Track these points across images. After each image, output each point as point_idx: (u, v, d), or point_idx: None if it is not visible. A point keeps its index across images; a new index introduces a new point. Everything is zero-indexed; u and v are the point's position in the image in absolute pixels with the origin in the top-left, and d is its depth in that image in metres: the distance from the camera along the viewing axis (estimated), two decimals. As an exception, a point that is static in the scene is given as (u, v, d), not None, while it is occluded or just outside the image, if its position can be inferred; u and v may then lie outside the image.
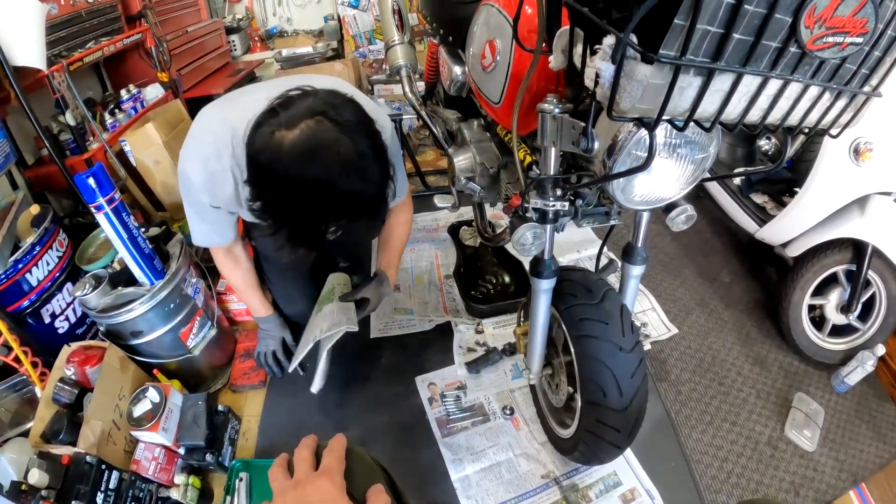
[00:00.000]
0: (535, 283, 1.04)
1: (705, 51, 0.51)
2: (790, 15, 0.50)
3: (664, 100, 0.53)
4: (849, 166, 1.41)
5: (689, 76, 0.53)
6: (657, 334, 1.69)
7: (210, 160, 1.01)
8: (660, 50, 0.49)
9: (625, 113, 0.54)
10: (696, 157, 0.79)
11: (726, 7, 0.48)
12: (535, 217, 0.96)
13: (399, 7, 1.58)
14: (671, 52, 0.50)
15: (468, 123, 1.45)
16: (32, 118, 1.36)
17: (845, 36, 0.53)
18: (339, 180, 0.81)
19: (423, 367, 1.57)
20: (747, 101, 0.58)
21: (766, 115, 0.61)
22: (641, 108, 0.54)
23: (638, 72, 0.51)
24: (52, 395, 1.22)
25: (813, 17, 0.50)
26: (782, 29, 0.51)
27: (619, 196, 0.80)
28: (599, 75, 0.54)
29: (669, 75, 0.51)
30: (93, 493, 1.07)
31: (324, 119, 0.81)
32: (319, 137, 0.80)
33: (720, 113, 0.57)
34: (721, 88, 0.55)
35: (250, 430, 1.44)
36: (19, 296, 1.31)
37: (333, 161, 0.80)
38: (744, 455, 1.37)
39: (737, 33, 0.50)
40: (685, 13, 0.47)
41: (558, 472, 1.29)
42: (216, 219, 1.14)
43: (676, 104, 0.54)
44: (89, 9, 1.71)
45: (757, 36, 0.51)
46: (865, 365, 1.48)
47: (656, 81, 0.52)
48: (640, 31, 0.51)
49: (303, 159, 0.79)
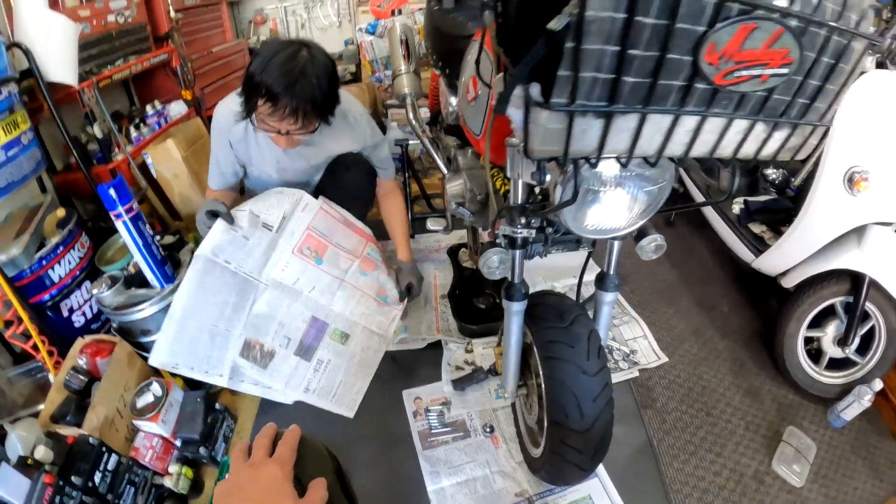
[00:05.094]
0: (507, 305, 1.08)
1: (600, 95, 0.53)
2: (689, 54, 0.50)
3: (566, 142, 0.56)
4: (844, 196, 1.39)
5: (588, 119, 0.55)
6: (646, 362, 1.68)
7: (234, 104, 1.40)
8: (552, 98, 0.52)
9: (535, 153, 0.58)
10: (648, 188, 0.81)
11: (612, 55, 0.49)
12: (504, 243, 1.00)
13: (407, 38, 1.67)
14: (562, 100, 0.52)
15: (463, 151, 1.51)
16: (63, 129, 1.50)
17: (763, 68, 0.52)
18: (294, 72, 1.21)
19: (411, 381, 1.62)
20: (663, 137, 0.59)
21: (689, 148, 0.62)
22: (548, 149, 0.57)
23: (539, 117, 0.55)
24: (63, 381, 1.32)
25: (715, 54, 0.50)
26: (683, 68, 0.51)
27: (571, 225, 0.84)
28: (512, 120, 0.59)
29: (566, 120, 0.54)
30: (92, 471, 1.15)
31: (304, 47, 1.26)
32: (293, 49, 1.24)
33: (632, 149, 0.59)
34: (628, 127, 0.57)
35: (244, 430, 1.52)
36: (41, 289, 1.43)
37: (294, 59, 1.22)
38: (726, 487, 1.35)
39: (630, 77, 0.51)
40: (567, 65, 0.50)
41: (532, 492, 1.31)
42: (227, 160, 1.51)
43: (581, 144, 0.57)
44: (119, 29, 1.84)
45: (653, 77, 0.52)
46: (862, 400, 1.44)
47: (555, 126, 0.55)
48: (543, 80, 0.53)
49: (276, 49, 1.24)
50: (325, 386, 1.56)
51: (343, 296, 1.64)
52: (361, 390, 1.57)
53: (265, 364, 1.54)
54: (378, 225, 1.70)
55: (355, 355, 1.62)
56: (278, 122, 1.27)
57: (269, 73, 1.20)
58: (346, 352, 1.61)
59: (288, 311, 1.57)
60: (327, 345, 1.60)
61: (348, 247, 1.70)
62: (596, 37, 0.49)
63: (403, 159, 2.13)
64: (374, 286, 1.71)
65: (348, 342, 1.63)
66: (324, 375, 1.57)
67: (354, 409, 1.52)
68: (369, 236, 1.74)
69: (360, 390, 1.57)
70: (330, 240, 1.66)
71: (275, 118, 1.26)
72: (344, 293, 1.65)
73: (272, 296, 1.57)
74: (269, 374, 1.53)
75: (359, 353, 1.63)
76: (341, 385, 1.56)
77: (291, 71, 1.20)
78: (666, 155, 0.64)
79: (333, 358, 1.60)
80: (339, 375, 1.58)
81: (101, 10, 1.73)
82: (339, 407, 1.52)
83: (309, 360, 1.58)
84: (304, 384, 1.55)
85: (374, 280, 1.71)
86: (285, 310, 1.57)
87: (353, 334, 1.64)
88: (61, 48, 1.46)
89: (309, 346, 1.59)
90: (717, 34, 0.49)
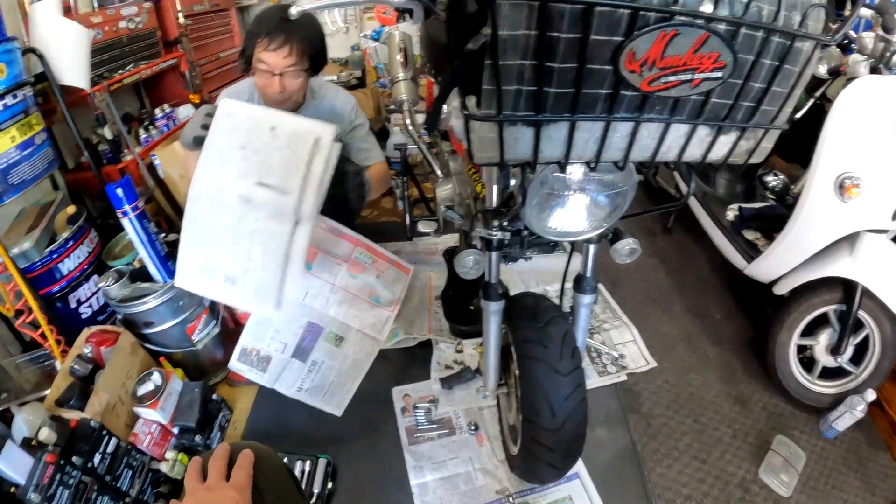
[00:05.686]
0: (485, 304, 1.11)
1: (526, 105, 0.55)
2: (608, 63, 0.51)
3: (500, 149, 0.59)
4: (834, 202, 1.38)
5: (520, 127, 0.58)
6: (635, 366, 1.68)
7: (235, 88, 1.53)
8: (480, 109, 0.55)
9: (476, 159, 0.62)
10: (609, 193, 0.83)
11: (530, 68, 0.52)
12: (480, 245, 1.03)
13: (405, 45, 1.70)
14: (491, 111, 0.55)
15: (454, 156, 1.55)
16: (75, 130, 1.58)
17: (692, 73, 0.52)
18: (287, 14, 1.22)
19: (402, 379, 1.66)
20: (597, 144, 0.61)
21: (627, 153, 0.64)
22: (487, 156, 0.61)
23: (474, 127, 0.58)
24: (69, 368, 1.38)
25: (636, 62, 0.50)
26: (606, 77, 0.52)
27: (534, 227, 0.86)
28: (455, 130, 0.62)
29: (497, 129, 0.57)
30: (92, 452, 1.21)
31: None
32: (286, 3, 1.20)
33: (567, 155, 0.62)
34: (559, 136, 0.60)
35: (239, 421, 1.57)
36: (51, 281, 1.51)
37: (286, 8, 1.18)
38: (710, 495, 1.35)
39: (552, 88, 0.53)
40: (489, 79, 0.52)
41: (513, 490, 1.33)
42: None
43: (517, 152, 0.60)
44: (130, 34, 1.92)
45: (576, 87, 0.53)
46: (855, 410, 1.42)
47: (489, 135, 0.58)
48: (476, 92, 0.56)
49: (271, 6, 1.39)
50: (318, 385, 1.60)
51: (336, 300, 1.69)
52: (351, 390, 1.61)
53: (263, 368, 1.61)
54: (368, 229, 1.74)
55: (348, 357, 1.66)
56: (274, 58, 1.37)
57: (265, 17, 1.38)
58: (340, 354, 1.66)
59: (283, 318, 1.63)
60: (322, 347, 1.65)
61: (337, 252, 1.75)
62: (512, 53, 0.51)
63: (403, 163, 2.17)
64: (365, 289, 1.74)
65: (342, 344, 1.68)
66: (317, 376, 1.62)
67: (343, 407, 1.56)
68: (357, 240, 1.78)
69: (350, 390, 1.61)
70: (318, 247, 1.72)
71: (271, 54, 1.36)
72: (336, 297, 1.70)
73: None
74: (267, 376, 1.59)
75: (352, 355, 1.67)
76: (332, 385, 1.61)
77: (284, 10, 1.32)
78: (605, 160, 0.65)
79: (327, 359, 1.65)
80: (331, 376, 1.63)
81: (113, 17, 1.82)
82: (328, 405, 1.57)
83: (304, 360, 1.63)
84: (298, 384, 1.60)
85: (363, 283, 1.75)
86: (280, 317, 1.62)
87: (347, 337, 1.68)
88: (74, 53, 1.54)
89: (305, 347, 1.64)
90: (633, 43, 0.49)
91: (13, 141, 1.40)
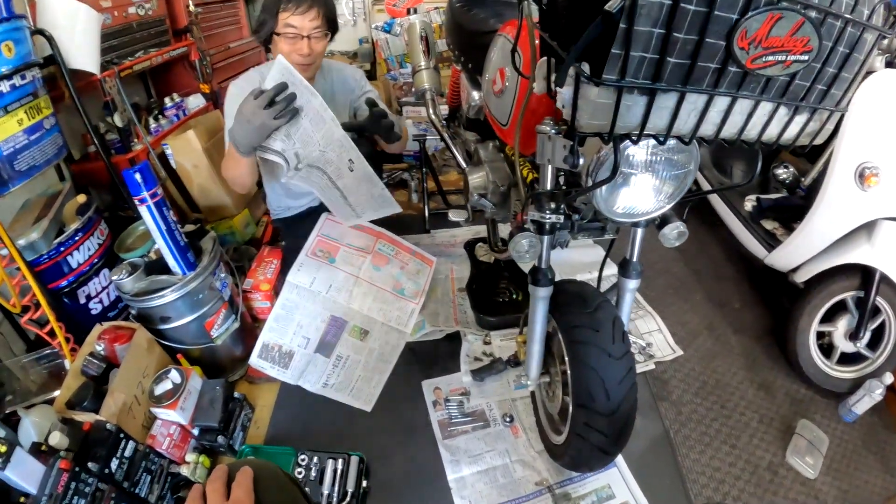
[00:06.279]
0: (534, 290, 1.10)
1: (645, 73, 0.58)
2: (723, 39, 0.56)
3: (613, 116, 0.59)
4: (854, 191, 1.42)
5: (634, 96, 0.60)
6: (662, 355, 1.70)
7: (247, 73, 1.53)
8: (603, 74, 0.57)
9: (583, 128, 0.62)
10: (675, 173, 0.84)
11: (657, 36, 0.55)
12: (533, 229, 1.02)
13: (427, 34, 1.69)
14: (613, 77, 0.57)
15: (484, 144, 1.53)
16: (84, 116, 1.50)
17: (787, 54, 0.58)
18: None
19: (431, 372, 1.63)
20: (697, 117, 0.64)
21: (720, 129, 0.67)
22: (595, 123, 0.62)
23: (589, 93, 0.60)
24: (81, 367, 1.31)
25: (746, 40, 0.56)
26: (718, 52, 0.57)
27: (602, 207, 0.86)
28: (561, 97, 0.62)
29: (615, 96, 0.59)
30: (108, 457, 1.13)
31: None
32: None
33: (671, 127, 0.64)
34: (668, 106, 0.62)
35: (262, 420, 1.51)
36: (59, 275, 1.42)
37: None
38: (741, 478, 1.37)
39: (672, 58, 0.57)
40: (619, 44, 0.55)
41: (552, 481, 1.32)
42: None
43: (626, 120, 0.62)
44: (140, 21, 1.86)
45: (692, 59, 0.57)
46: (873, 394, 1.46)
47: (603, 101, 0.60)
48: (592, 59, 0.59)
49: None
50: (344, 381, 1.57)
51: (360, 293, 1.67)
52: (380, 384, 1.58)
53: (285, 364, 1.56)
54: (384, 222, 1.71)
55: (374, 351, 1.64)
56: (301, 21, 1.38)
57: None
58: (365, 348, 1.63)
59: (306, 312, 1.59)
60: (346, 341, 1.62)
61: (360, 245, 1.74)
62: (645, 19, 0.55)
63: (421, 155, 2.15)
64: (390, 281, 1.73)
65: (367, 338, 1.65)
66: (342, 371, 1.58)
67: (372, 402, 1.53)
68: (378, 233, 1.77)
69: (379, 384, 1.58)
70: (341, 242, 1.71)
71: (298, 17, 1.38)
72: (360, 290, 1.67)
73: (287, 298, 1.59)
74: (290, 373, 1.55)
75: (377, 348, 1.64)
76: (359, 379, 1.58)
77: None
78: (699, 135, 0.68)
79: (352, 354, 1.61)
80: (357, 370, 1.59)
81: (123, 2, 1.75)
82: (357, 401, 1.53)
83: (328, 356, 1.59)
84: (323, 379, 1.56)
85: (387, 275, 1.74)
86: (303, 311, 1.59)
87: (371, 330, 1.66)
88: (85, 36, 1.47)
89: (328, 342, 1.61)
90: (748, 21, 0.55)
91: (20, 124, 1.32)
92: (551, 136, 0.88)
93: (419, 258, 1.84)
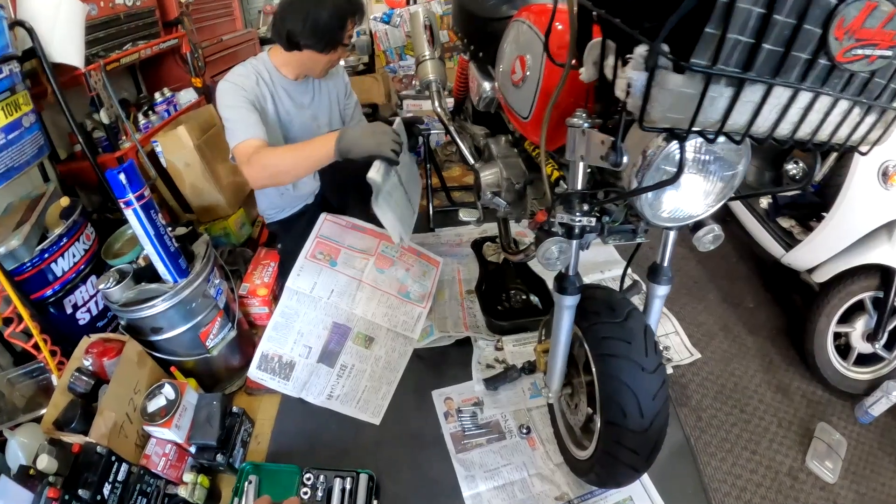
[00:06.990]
0: (559, 299, 1.03)
1: (736, 61, 0.51)
2: (819, 26, 0.51)
3: (696, 109, 0.52)
4: (877, 190, 1.38)
5: (720, 86, 0.53)
6: (679, 358, 1.66)
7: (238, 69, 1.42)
8: (691, 59, 0.49)
9: (655, 123, 0.55)
10: (725, 174, 0.78)
11: (756, 17, 0.49)
12: (561, 232, 0.95)
13: (430, 24, 1.61)
14: (702, 62, 0.50)
15: (496, 139, 1.45)
16: (68, 113, 1.40)
17: (874, 48, 0.54)
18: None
19: (441, 381, 1.56)
20: (778, 114, 0.58)
21: (797, 128, 0.61)
22: (672, 117, 0.54)
23: (669, 81, 0.52)
24: (67, 384, 1.23)
25: (842, 29, 0.51)
26: (812, 40, 0.52)
27: (647, 212, 0.80)
28: (631, 85, 0.54)
29: (700, 85, 0.52)
30: (100, 483, 1.07)
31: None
32: None
33: (751, 125, 0.57)
34: (751, 100, 0.55)
35: (263, 434, 1.44)
36: (43, 284, 1.33)
37: None
38: (763, 485, 1.33)
39: (767, 44, 0.51)
40: (717, 22, 0.48)
41: (573, 495, 1.27)
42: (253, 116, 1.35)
43: (707, 114, 0.55)
44: (128, 12, 1.76)
45: (787, 47, 0.52)
46: (890, 395, 1.43)
47: (687, 91, 0.52)
48: (670, 41, 0.51)
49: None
50: (349, 392, 1.50)
51: (363, 297, 1.59)
52: (387, 395, 1.51)
53: (286, 375, 1.48)
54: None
55: (380, 359, 1.56)
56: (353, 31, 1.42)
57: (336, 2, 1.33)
58: (370, 356, 1.56)
59: (307, 319, 1.52)
60: (350, 349, 1.55)
61: (362, 247, 1.66)
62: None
63: (424, 150, 2.07)
64: (394, 284, 1.66)
65: (372, 346, 1.57)
66: (347, 381, 1.51)
67: (381, 414, 1.46)
68: (380, 234, 1.69)
69: (386, 395, 1.51)
70: (341, 243, 1.64)
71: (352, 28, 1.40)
72: (364, 294, 1.60)
73: (287, 305, 1.51)
74: (291, 385, 1.47)
75: (384, 356, 1.57)
76: (366, 390, 1.51)
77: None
78: (776, 135, 0.62)
79: (357, 363, 1.54)
80: (363, 380, 1.52)
81: (109, -8, 1.65)
82: (364, 413, 1.46)
83: (332, 365, 1.52)
84: (328, 391, 1.49)
85: (392, 277, 1.66)
86: (304, 318, 1.51)
87: (377, 337, 1.58)
88: (68, 28, 1.37)
89: (331, 351, 1.53)
90: (847, 8, 0.51)
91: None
92: (585, 129, 0.81)
93: (424, 259, 1.77)
